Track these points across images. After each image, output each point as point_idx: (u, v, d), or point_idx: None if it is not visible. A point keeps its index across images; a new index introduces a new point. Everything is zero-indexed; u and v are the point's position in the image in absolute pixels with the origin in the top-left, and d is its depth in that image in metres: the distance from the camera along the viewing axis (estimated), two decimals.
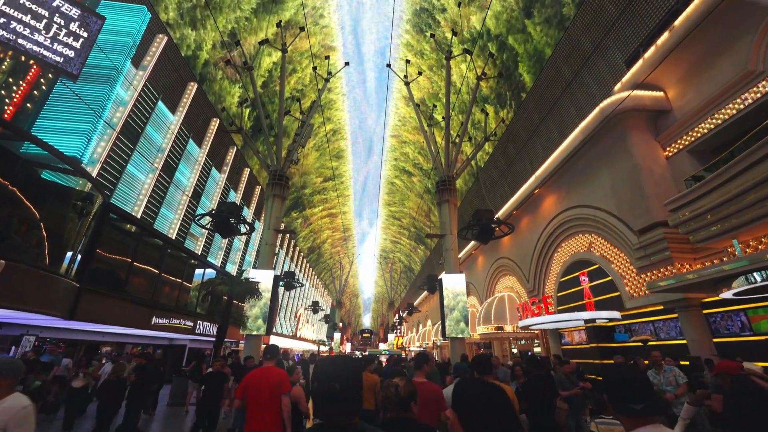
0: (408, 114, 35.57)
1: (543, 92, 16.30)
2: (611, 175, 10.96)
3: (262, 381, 3.50)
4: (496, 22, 20.63)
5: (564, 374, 5.55)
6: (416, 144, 36.82)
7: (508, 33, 19.88)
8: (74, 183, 7.90)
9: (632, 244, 9.89)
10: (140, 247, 10.45)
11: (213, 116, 16.98)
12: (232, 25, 18.83)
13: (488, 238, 11.80)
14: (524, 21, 18.30)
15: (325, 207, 41.71)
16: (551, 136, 15.84)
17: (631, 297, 10.26)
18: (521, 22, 18.59)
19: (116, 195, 11.31)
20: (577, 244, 13.02)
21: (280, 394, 3.46)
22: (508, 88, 20.50)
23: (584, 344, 12.79)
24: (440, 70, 27.85)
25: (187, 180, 15.43)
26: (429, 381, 3.31)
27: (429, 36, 28.28)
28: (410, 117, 35.29)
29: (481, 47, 21.55)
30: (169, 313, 11.46)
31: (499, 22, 20.45)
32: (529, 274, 16.10)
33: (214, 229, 11.15)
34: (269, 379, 3.52)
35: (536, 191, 15.06)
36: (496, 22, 20.66)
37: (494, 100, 21.70)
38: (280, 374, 3.63)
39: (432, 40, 27.85)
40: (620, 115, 10.35)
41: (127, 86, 11.39)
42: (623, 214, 10.32)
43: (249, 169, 21.42)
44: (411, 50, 31.36)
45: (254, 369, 3.95)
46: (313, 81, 26.00)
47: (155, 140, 13.07)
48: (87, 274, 8.19)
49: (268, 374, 3.58)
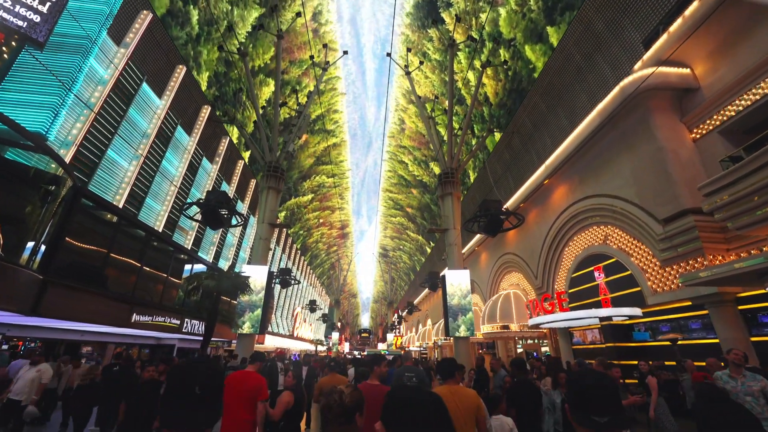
0: (408, 106, 34.71)
1: (551, 79, 15.44)
2: (631, 161, 10.14)
3: (241, 384, 3.58)
4: (509, 23, 19.18)
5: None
6: (416, 144, 35.98)
7: (525, 41, 18.32)
8: (39, 163, 7.01)
9: (656, 234, 9.07)
10: (119, 238, 9.56)
11: (204, 103, 16.08)
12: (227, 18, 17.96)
13: (496, 230, 10.97)
14: (545, 28, 17.12)
15: (317, 197, 38.95)
16: (560, 125, 14.99)
17: (654, 292, 9.45)
18: (542, 28, 17.40)
19: (95, 182, 10.40)
20: (591, 236, 12.21)
21: (256, 400, 3.53)
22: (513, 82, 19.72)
23: (599, 344, 11.98)
24: (443, 74, 26.92)
25: (176, 170, 14.52)
26: (382, 384, 3.23)
27: (431, 22, 27.47)
28: (412, 114, 34.43)
29: (490, 51, 20.34)
30: (152, 310, 10.57)
31: (512, 22, 19.02)
32: (537, 271, 15.27)
33: (203, 221, 10.31)
34: (248, 384, 3.59)
35: (546, 182, 14.24)
36: (509, 24, 19.20)
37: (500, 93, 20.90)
38: (260, 381, 3.67)
39: (435, 30, 27.04)
40: (642, 95, 9.53)
41: (107, 64, 10.50)
42: (646, 202, 9.51)
43: (243, 161, 20.51)
44: (412, 46, 30.48)
45: (235, 371, 4.00)
46: (312, 71, 25.13)
47: (139, 125, 12.16)
48: (54, 266, 7.31)
49: (248, 379, 3.65)
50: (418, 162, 37.02)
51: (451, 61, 16.21)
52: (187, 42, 16.00)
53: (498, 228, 10.88)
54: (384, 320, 61.65)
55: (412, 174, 38.96)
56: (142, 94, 12.04)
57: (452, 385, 2.92)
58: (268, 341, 25.67)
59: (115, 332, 11.46)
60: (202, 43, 17.15)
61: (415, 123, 34.71)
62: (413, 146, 36.82)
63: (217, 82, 18.69)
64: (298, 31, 26.37)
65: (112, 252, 8.94)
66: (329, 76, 33.01)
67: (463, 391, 2.89)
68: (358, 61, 43.38)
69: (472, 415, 2.76)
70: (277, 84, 15.63)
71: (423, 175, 37.11)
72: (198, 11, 16.57)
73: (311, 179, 35.99)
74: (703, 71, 9.09)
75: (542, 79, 15.57)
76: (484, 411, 2.88)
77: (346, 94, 41.40)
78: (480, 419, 2.78)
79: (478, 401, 2.84)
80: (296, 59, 28.55)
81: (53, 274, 7.23)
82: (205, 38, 17.34)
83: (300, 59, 27.95)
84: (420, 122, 34.23)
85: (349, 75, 37.65)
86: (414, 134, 36.20)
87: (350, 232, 55.68)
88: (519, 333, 15.95)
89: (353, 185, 50.82)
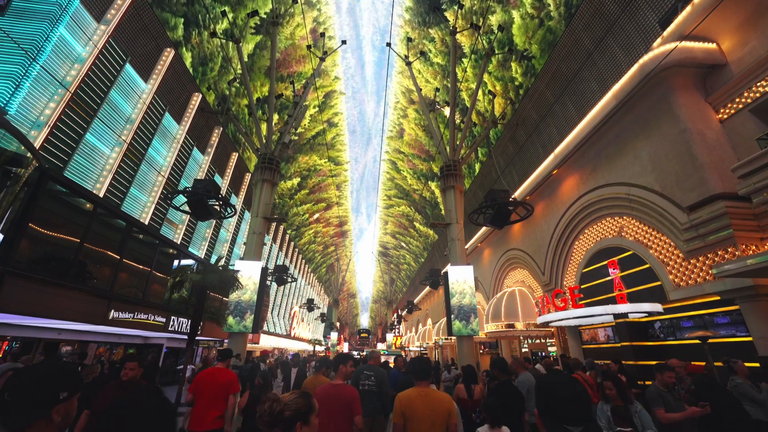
0: (408, 111, 33.77)
1: (558, 67, 14.70)
2: (651, 146, 9.39)
3: (213, 380, 3.79)
4: (524, 30, 16.43)
5: (664, 386, 3.94)
6: (415, 151, 35.02)
7: (541, 55, 15.50)
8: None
9: (680, 223, 8.33)
10: (96, 227, 8.78)
11: (195, 90, 15.32)
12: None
13: (504, 222, 10.21)
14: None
15: (308, 185, 33.09)
16: (568, 115, 14.24)
17: (677, 287, 8.71)
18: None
19: (72, 167, 9.64)
20: (604, 229, 11.46)
21: (228, 393, 3.76)
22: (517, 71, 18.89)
23: (613, 343, 11.24)
24: (445, 80, 25.94)
25: (164, 159, 13.75)
26: (345, 384, 3.19)
27: (432, 19, 26.67)
28: (411, 121, 33.51)
29: (500, 62, 18.54)
30: (133, 306, 9.80)
31: (528, 30, 16.23)
32: (544, 266, 14.53)
33: (190, 211, 9.55)
34: (219, 380, 3.81)
35: (554, 172, 13.49)
36: (524, 32, 16.45)
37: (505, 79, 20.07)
38: (231, 376, 3.88)
39: (437, 31, 26.24)
40: (663, 74, 8.80)
41: (86, 41, 9.74)
42: (667, 189, 8.76)
43: (237, 154, 19.74)
44: (413, 46, 29.58)
45: (206, 369, 4.12)
46: (310, 61, 24.37)
47: (123, 109, 11.39)
48: (14, 256, 6.54)
49: (219, 375, 3.85)
50: (418, 176, 36.02)
51: (453, 50, 15.52)
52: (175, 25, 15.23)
53: (506, 220, 10.13)
54: (383, 320, 60.92)
55: (411, 187, 38.04)
56: (125, 77, 11.28)
57: (424, 387, 2.75)
58: (264, 341, 24.87)
59: (96, 330, 10.68)
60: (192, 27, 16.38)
61: (414, 130, 33.79)
62: (413, 154, 35.81)
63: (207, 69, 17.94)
64: (297, 44, 25.39)
65: (86, 242, 8.16)
66: (327, 89, 31.86)
67: (436, 394, 2.73)
68: (357, 55, 42.19)
69: (444, 422, 2.60)
70: (272, 73, 14.91)
71: (423, 190, 36.18)
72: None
73: (297, 161, 29.11)
74: (731, 45, 8.36)
75: (548, 67, 14.83)
76: (456, 417, 2.69)
77: (345, 90, 40.54)
78: (451, 425, 2.61)
79: (451, 406, 2.67)
80: (294, 72, 27.55)
81: (13, 264, 6.46)
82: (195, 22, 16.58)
83: (299, 72, 27.06)
84: (420, 130, 33.52)
85: (348, 69, 36.77)
86: (413, 141, 35.19)
87: (349, 230, 54.65)
88: (525, 332, 15.20)
89: (353, 181, 49.11)
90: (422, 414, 2.60)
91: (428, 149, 32.83)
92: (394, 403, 2.71)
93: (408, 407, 2.63)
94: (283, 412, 1.40)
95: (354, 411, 2.93)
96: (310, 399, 1.50)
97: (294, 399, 1.46)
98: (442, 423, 2.59)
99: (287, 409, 1.41)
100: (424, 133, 33.22)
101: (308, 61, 24.63)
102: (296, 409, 1.42)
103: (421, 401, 2.64)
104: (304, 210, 36.40)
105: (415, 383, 2.81)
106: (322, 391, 3.04)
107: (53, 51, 8.67)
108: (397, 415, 2.64)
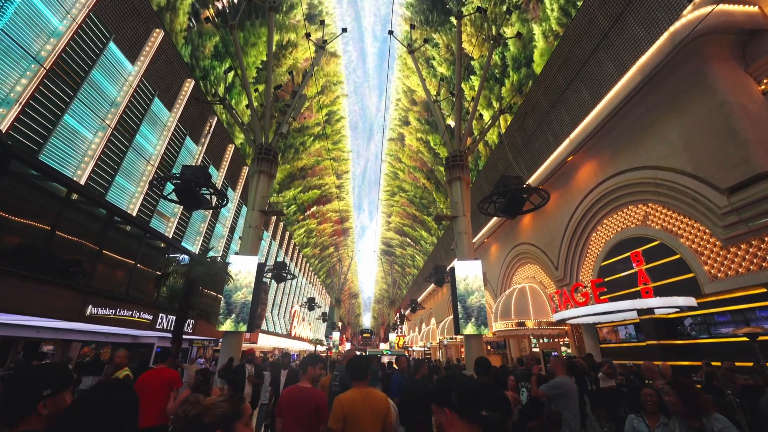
0: (410, 121, 32.76)
1: (571, 49, 13.81)
2: (682, 124, 8.52)
3: (156, 379, 4.08)
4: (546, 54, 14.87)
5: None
6: (417, 164, 34.02)
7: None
8: None
9: (717, 207, 7.47)
10: (73, 216, 8.01)
11: (187, 77, 14.55)
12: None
13: (517, 211, 9.38)
14: None
15: (298, 168, 29.32)
16: (581, 100, 13.37)
17: (713, 279, 7.84)
18: None
19: (48, 151, 8.85)
20: (625, 218, 10.59)
21: (171, 390, 3.99)
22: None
23: (635, 341, 10.36)
24: (451, 87, 24.90)
25: (153, 148, 12.97)
26: (313, 388, 3.07)
27: (436, 17, 25.79)
28: (413, 130, 32.55)
29: (514, 87, 16.82)
30: (115, 302, 9.01)
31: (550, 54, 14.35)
32: (558, 261, 13.65)
33: (178, 200, 8.75)
34: (162, 378, 4.09)
35: (569, 159, 12.63)
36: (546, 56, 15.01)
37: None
38: (172, 374, 4.21)
39: (441, 36, 25.34)
40: (696, 42, 7.95)
41: (63, 15, 8.98)
42: (702, 169, 7.89)
43: (234, 146, 18.97)
44: (416, 49, 28.69)
45: (149, 370, 4.41)
46: (307, 51, 23.57)
47: (107, 91, 10.63)
48: None
49: (162, 374, 4.14)
50: (418, 203, 34.89)
51: (458, 34, 14.69)
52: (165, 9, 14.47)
53: (519, 208, 9.30)
54: (386, 320, 60.13)
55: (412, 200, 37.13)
56: (108, 56, 10.51)
57: (362, 388, 2.70)
58: (263, 340, 24.08)
59: (79, 329, 9.92)
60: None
61: (415, 142, 32.91)
62: (415, 167, 34.82)
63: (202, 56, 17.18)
64: (299, 68, 24.48)
65: (58, 230, 7.38)
66: (329, 105, 30.66)
67: (375, 394, 2.73)
68: (359, 47, 41.15)
69: (381, 421, 2.59)
70: (269, 61, 14.14)
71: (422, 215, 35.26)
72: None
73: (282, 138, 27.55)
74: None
75: (560, 51, 13.94)
76: (393, 417, 2.74)
77: (347, 85, 39.59)
78: (387, 425, 2.62)
79: (388, 404, 2.70)
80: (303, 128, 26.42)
81: None
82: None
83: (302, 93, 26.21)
84: (420, 145, 32.68)
85: (350, 63, 35.93)
86: (414, 154, 34.21)
87: (351, 227, 53.70)
88: (537, 330, 14.35)
89: (354, 176, 47.63)
90: (364, 416, 2.53)
91: (431, 166, 31.89)
92: (334, 405, 2.56)
93: (351, 410, 2.53)
94: (202, 417, 1.28)
95: (320, 417, 2.78)
96: (238, 404, 1.36)
97: (218, 403, 1.33)
98: (381, 423, 2.55)
99: (207, 413, 1.29)
100: (426, 148, 32.20)
101: (307, 50, 23.85)
102: (218, 415, 1.30)
103: (363, 403, 2.57)
104: (289, 197, 30.68)
105: (353, 384, 2.73)
106: (288, 394, 2.91)
107: (24, 22, 7.92)
108: (337, 420, 2.51)
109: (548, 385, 3.76)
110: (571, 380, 3.81)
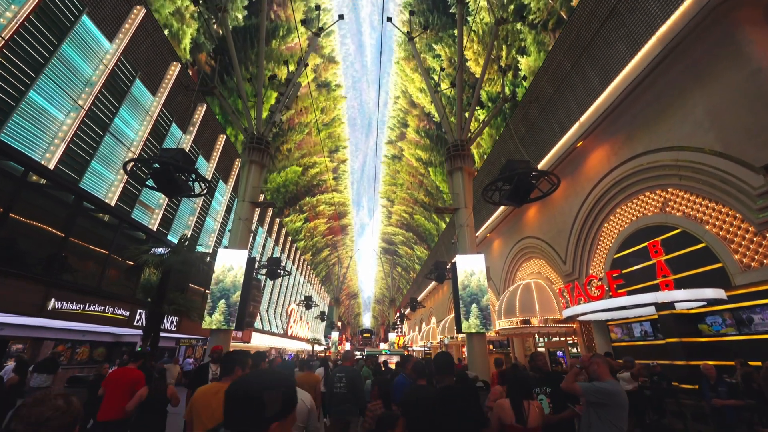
0: (407, 135, 31.87)
1: (579, 31, 12.97)
2: (708, 97, 7.71)
3: (122, 377, 4.25)
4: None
5: None
6: (414, 179, 33.13)
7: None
8: None
9: (752, 188, 6.66)
10: (34, 199, 7.21)
11: (173, 59, 13.76)
12: None
13: (525, 198, 8.53)
14: None
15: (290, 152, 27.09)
16: (589, 85, 12.53)
17: (746, 268, 7.03)
18: None
19: (10, 129, 8.06)
20: (642, 205, 9.78)
21: (134, 389, 4.15)
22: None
23: (653, 340, 9.54)
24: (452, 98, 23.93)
25: (135, 133, 12.18)
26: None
27: (437, 19, 24.83)
28: (411, 144, 31.70)
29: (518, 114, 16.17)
30: (83, 296, 8.20)
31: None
32: (566, 254, 12.84)
33: (154, 185, 7.95)
34: (128, 377, 4.25)
35: (579, 144, 11.82)
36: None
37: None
38: (138, 374, 4.31)
39: (443, 47, 24.39)
40: (725, 6, 7.15)
41: None
42: (734, 147, 7.09)
43: (225, 136, 18.17)
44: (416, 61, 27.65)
45: (118, 368, 4.56)
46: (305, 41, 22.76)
47: (80, 68, 9.84)
48: None
49: (128, 373, 4.29)
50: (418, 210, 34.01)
51: (460, 21, 13.91)
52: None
53: (527, 195, 8.43)
54: (386, 320, 59.34)
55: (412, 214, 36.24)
56: (82, 30, 9.72)
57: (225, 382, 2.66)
58: (257, 339, 23.25)
59: (51, 326, 9.12)
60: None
61: (412, 155, 32.09)
62: (412, 181, 33.96)
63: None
64: (299, 96, 23.71)
65: (12, 212, 6.58)
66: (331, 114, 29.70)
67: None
68: (357, 39, 40.18)
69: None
70: (261, 45, 13.37)
71: (425, 224, 34.34)
72: None
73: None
74: None
75: (567, 33, 13.12)
76: None
77: (345, 81, 38.63)
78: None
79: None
80: (295, 124, 25.63)
81: None
82: None
83: (301, 123, 25.14)
84: (416, 162, 31.90)
85: (347, 57, 35.10)
86: (412, 170, 33.33)
87: (350, 224, 52.76)
88: (543, 328, 13.54)
89: (353, 170, 46.40)
90: (208, 413, 2.54)
91: (428, 188, 31.19)
92: (192, 400, 2.62)
93: (198, 403, 2.57)
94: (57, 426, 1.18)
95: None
96: (76, 412, 1.24)
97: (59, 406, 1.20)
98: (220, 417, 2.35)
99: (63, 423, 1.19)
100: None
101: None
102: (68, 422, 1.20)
103: (215, 397, 2.59)
104: (278, 181, 27.02)
105: (223, 378, 2.79)
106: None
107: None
108: (188, 413, 2.59)
109: (593, 388, 2.91)
110: (623, 389, 2.97)
